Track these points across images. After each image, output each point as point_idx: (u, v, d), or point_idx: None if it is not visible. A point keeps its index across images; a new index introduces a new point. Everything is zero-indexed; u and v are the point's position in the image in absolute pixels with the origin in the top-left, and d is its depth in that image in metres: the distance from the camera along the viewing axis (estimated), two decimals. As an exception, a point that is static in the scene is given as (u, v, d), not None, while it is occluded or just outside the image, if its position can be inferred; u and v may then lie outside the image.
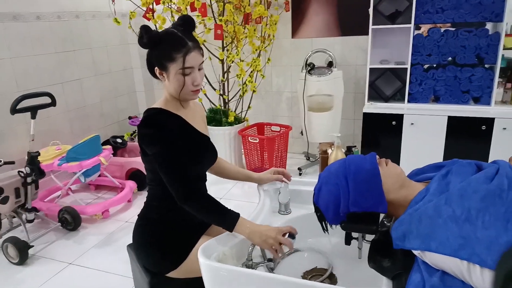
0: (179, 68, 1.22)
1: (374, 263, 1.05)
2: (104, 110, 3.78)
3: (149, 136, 1.26)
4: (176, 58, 1.22)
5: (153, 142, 1.25)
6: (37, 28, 3.05)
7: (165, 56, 1.23)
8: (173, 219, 1.36)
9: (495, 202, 0.87)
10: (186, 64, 1.22)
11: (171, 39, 1.24)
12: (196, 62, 1.25)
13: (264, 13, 3.07)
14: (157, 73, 1.28)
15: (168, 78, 1.26)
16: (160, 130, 1.25)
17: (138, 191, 3.22)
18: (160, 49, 1.23)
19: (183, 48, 1.22)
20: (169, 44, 1.23)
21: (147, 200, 1.42)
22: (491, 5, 2.63)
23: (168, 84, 1.28)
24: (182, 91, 1.27)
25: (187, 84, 1.26)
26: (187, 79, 1.25)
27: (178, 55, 1.21)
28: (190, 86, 1.26)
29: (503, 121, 2.61)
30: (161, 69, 1.26)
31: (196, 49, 1.25)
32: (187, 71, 1.24)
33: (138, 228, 1.40)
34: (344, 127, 3.58)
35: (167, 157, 1.24)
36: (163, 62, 1.24)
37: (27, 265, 2.29)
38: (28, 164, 2.42)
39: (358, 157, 1.11)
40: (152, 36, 1.22)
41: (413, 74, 2.92)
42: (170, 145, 1.25)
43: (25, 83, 2.96)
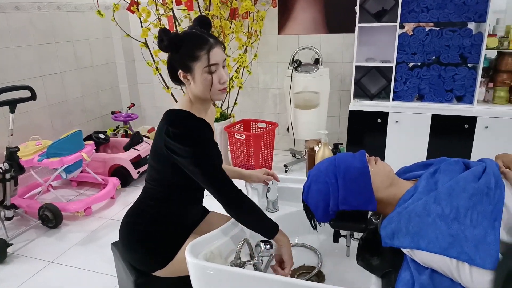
0: (204, 66, 1.19)
1: (362, 261, 1.06)
2: (86, 105, 3.70)
3: (182, 136, 1.20)
4: (200, 57, 1.18)
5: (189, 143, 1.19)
6: (16, 19, 2.95)
7: (189, 56, 1.19)
8: (165, 220, 1.33)
9: (482, 200, 0.88)
10: (211, 61, 1.19)
11: (192, 38, 1.21)
12: (220, 58, 1.22)
13: (251, 9, 3.05)
14: (181, 76, 1.24)
15: (194, 79, 1.22)
16: (194, 132, 1.21)
17: (122, 188, 3.17)
18: (182, 51, 1.20)
19: (205, 45, 1.19)
20: (191, 44, 1.19)
21: (141, 198, 1.38)
22: (474, 5, 2.68)
23: (194, 86, 1.23)
24: (210, 91, 1.23)
25: (214, 82, 1.22)
26: (214, 77, 1.21)
27: (201, 52, 1.18)
28: (217, 85, 1.23)
29: (485, 120, 2.66)
30: (185, 71, 1.22)
31: (218, 44, 1.22)
32: (213, 68, 1.20)
33: (126, 226, 1.37)
34: (330, 125, 3.60)
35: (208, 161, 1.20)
36: (187, 63, 1.20)
37: (6, 264, 2.22)
38: (7, 159, 2.35)
39: (347, 155, 1.11)
40: (172, 38, 1.19)
41: (398, 72, 2.96)
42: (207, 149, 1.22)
43: (3, 76, 2.86)
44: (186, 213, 1.38)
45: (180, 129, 1.21)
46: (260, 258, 1.21)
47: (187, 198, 1.36)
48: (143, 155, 3.23)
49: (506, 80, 2.77)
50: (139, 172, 3.19)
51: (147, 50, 3.20)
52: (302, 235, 1.42)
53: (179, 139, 1.20)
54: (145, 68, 3.90)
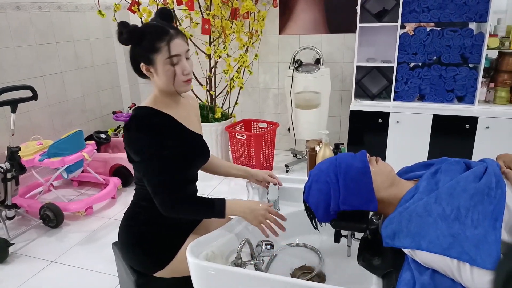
0: (165, 57, 1.18)
1: (363, 261, 1.06)
2: (87, 105, 3.70)
3: (135, 142, 1.21)
4: (160, 48, 1.17)
5: (139, 150, 1.21)
6: (17, 19, 2.95)
7: (149, 48, 1.18)
8: (161, 220, 1.32)
9: (483, 200, 0.88)
10: (172, 52, 1.18)
11: (152, 30, 1.19)
12: (182, 49, 1.20)
13: (252, 9, 3.05)
14: (144, 70, 1.22)
15: (157, 72, 1.21)
16: (147, 136, 1.20)
17: (123, 188, 3.17)
18: (143, 43, 1.18)
19: (165, 36, 1.17)
20: (151, 35, 1.18)
21: (134, 200, 1.38)
22: (475, 5, 2.67)
23: (158, 79, 1.22)
24: (174, 83, 1.22)
25: (178, 74, 1.20)
26: (176, 68, 1.20)
27: (162, 43, 1.17)
28: (181, 76, 1.21)
29: (486, 120, 2.66)
30: (147, 64, 1.21)
31: (179, 35, 1.20)
32: (175, 60, 1.19)
33: (124, 228, 1.37)
34: (330, 125, 3.59)
35: (151, 168, 1.20)
36: (148, 55, 1.19)
37: (7, 263, 2.23)
38: (8, 159, 2.35)
39: (348, 155, 1.11)
40: (131, 31, 1.17)
41: (399, 72, 2.95)
42: (155, 155, 1.20)
43: (4, 76, 2.87)
44: (182, 221, 1.37)
45: (133, 133, 1.21)
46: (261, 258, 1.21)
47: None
48: (144, 155, 3.22)
49: (507, 80, 2.77)
50: (140, 172, 3.18)
51: (148, 50, 3.19)
52: (303, 235, 1.42)
53: (132, 146, 1.22)
54: (146, 68, 3.90)
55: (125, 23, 1.18)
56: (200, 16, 3.10)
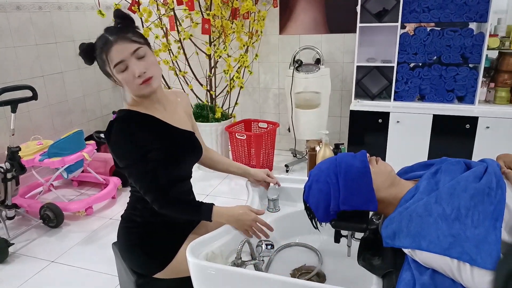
0: (112, 67, 1.16)
1: (363, 261, 1.05)
2: (87, 105, 3.70)
3: (116, 148, 1.21)
4: (104, 60, 1.16)
5: (121, 156, 1.21)
6: (17, 18, 2.95)
7: (100, 63, 1.19)
8: (158, 221, 1.32)
9: (484, 200, 0.88)
10: (115, 61, 1.15)
11: (97, 44, 1.18)
12: (122, 55, 1.15)
13: (252, 9, 3.05)
14: (112, 82, 1.24)
15: (116, 82, 1.21)
16: (127, 141, 1.19)
17: (123, 188, 3.17)
18: (96, 59, 1.19)
19: (104, 47, 1.15)
20: (96, 50, 1.17)
21: (130, 202, 1.38)
22: (475, 5, 2.67)
23: (123, 88, 1.22)
24: (132, 88, 1.19)
25: (129, 80, 1.17)
26: (125, 75, 1.17)
27: (103, 56, 1.16)
28: (135, 80, 1.17)
29: (487, 120, 2.66)
30: (107, 77, 1.21)
31: (119, 41, 1.14)
32: (121, 67, 1.16)
33: (122, 230, 1.36)
34: (330, 125, 3.59)
35: (137, 172, 1.20)
36: (103, 69, 1.20)
37: (7, 263, 2.23)
38: (8, 159, 2.35)
39: (348, 155, 1.11)
40: (83, 50, 1.18)
41: (399, 72, 2.95)
42: (138, 159, 1.19)
43: (4, 76, 2.87)
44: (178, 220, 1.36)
45: (114, 138, 1.20)
46: (261, 258, 1.21)
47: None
48: (144, 155, 3.22)
49: (508, 80, 2.77)
50: (140, 172, 3.18)
51: (148, 50, 3.19)
52: (302, 235, 1.42)
53: (115, 151, 1.22)
54: (146, 68, 3.90)
55: (83, 43, 1.19)
56: (200, 16, 3.10)
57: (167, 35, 3.19)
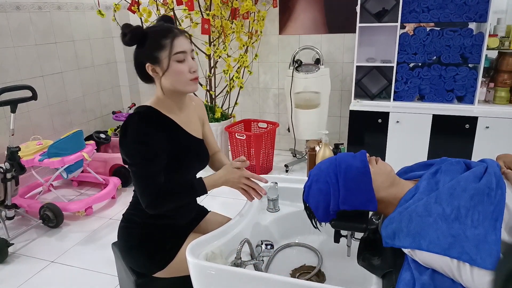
0: (171, 54, 1.17)
1: (363, 261, 1.05)
2: (87, 105, 3.70)
3: (125, 144, 1.20)
4: (165, 45, 1.17)
5: (131, 153, 1.20)
6: (17, 19, 2.95)
7: (154, 46, 1.17)
8: (159, 222, 1.33)
9: (483, 200, 0.88)
10: (178, 49, 1.17)
11: (156, 28, 1.20)
12: (187, 47, 1.20)
13: (251, 9, 3.05)
14: (149, 70, 1.21)
15: (162, 70, 1.19)
16: (140, 139, 1.18)
17: (122, 188, 3.17)
18: (147, 43, 1.18)
19: (169, 34, 1.17)
20: (155, 34, 1.18)
21: (133, 202, 1.38)
22: (475, 5, 2.67)
23: (164, 78, 1.21)
24: (180, 81, 1.20)
25: (184, 71, 1.19)
26: (182, 66, 1.19)
27: (166, 41, 1.17)
28: (188, 74, 1.20)
29: (486, 120, 2.66)
30: (153, 63, 1.19)
31: (183, 34, 1.21)
32: (181, 57, 1.18)
33: (123, 230, 1.37)
34: (330, 125, 3.59)
35: (138, 171, 1.20)
36: (153, 53, 1.18)
37: (7, 263, 2.23)
38: (8, 159, 2.35)
39: (348, 155, 1.11)
40: (135, 29, 1.17)
41: (399, 72, 2.96)
42: (145, 159, 1.19)
43: (4, 76, 2.87)
44: (177, 211, 1.36)
45: (127, 131, 1.19)
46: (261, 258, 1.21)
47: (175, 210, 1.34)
48: (143, 155, 3.22)
49: (507, 80, 2.77)
50: (139, 172, 3.18)
51: (148, 50, 3.19)
52: (302, 235, 1.42)
53: (124, 147, 1.21)
54: (146, 68, 3.90)
55: (128, 24, 1.18)
56: (200, 16, 3.10)
57: (166, 35, 3.19)
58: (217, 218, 1.51)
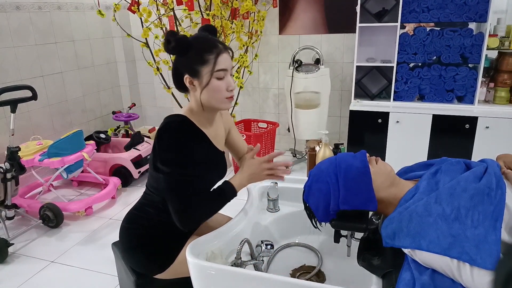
0: (212, 70, 1.15)
1: (363, 261, 1.05)
2: (87, 105, 3.70)
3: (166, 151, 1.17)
4: (208, 60, 1.15)
5: (168, 161, 1.17)
6: (17, 19, 2.95)
7: (196, 59, 1.15)
8: (165, 228, 1.31)
9: (483, 201, 0.88)
10: (220, 66, 1.15)
11: (201, 41, 1.17)
12: (229, 64, 1.19)
13: (251, 9, 3.04)
14: (187, 82, 1.19)
15: (201, 85, 1.18)
16: (178, 148, 1.16)
17: (122, 188, 3.17)
18: (190, 54, 1.16)
19: (214, 49, 1.15)
20: (200, 46, 1.15)
21: (141, 204, 1.35)
22: (475, 5, 2.67)
23: (200, 92, 1.19)
24: (217, 98, 1.19)
25: (221, 89, 1.18)
26: (221, 83, 1.17)
27: (210, 56, 1.15)
28: (224, 92, 1.19)
29: (486, 120, 2.66)
30: (192, 76, 1.18)
31: (227, 51, 1.19)
32: (221, 74, 1.17)
33: (125, 231, 1.36)
34: (330, 125, 3.59)
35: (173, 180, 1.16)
36: (194, 66, 1.16)
37: (7, 263, 2.23)
38: (8, 159, 2.35)
39: (348, 155, 1.11)
40: (180, 39, 1.14)
41: (399, 72, 2.95)
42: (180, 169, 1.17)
43: (4, 76, 2.87)
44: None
45: (166, 133, 1.18)
46: (261, 258, 1.21)
47: None
48: (144, 155, 3.23)
49: (507, 80, 2.77)
50: (140, 172, 3.19)
51: (148, 50, 3.20)
52: (302, 235, 1.42)
53: (162, 142, 1.18)
54: (146, 68, 3.90)
55: (174, 32, 1.15)
56: (200, 16, 3.10)
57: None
58: (217, 218, 1.51)
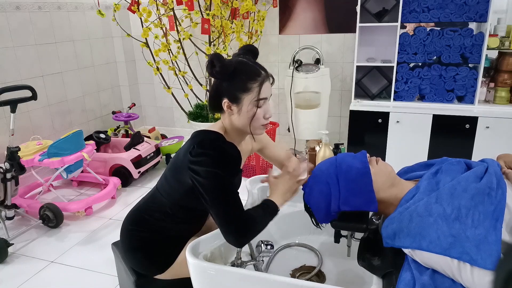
0: (254, 99, 1.14)
1: (363, 261, 1.05)
2: (86, 105, 3.70)
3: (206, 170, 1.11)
4: (251, 89, 1.14)
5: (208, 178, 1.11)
6: (17, 18, 2.95)
7: (240, 87, 1.14)
8: (169, 233, 1.30)
9: (484, 200, 0.88)
10: (262, 95, 1.15)
11: (246, 68, 1.16)
12: (269, 93, 1.19)
13: (251, 8, 3.04)
14: (225, 106, 1.18)
15: (240, 111, 1.17)
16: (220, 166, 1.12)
17: (122, 188, 3.17)
18: (234, 80, 1.14)
19: (258, 78, 1.15)
20: (244, 74, 1.14)
21: (148, 207, 1.33)
22: (475, 5, 2.67)
23: (237, 117, 1.18)
24: (253, 125, 1.18)
25: (259, 117, 1.17)
26: (259, 111, 1.17)
27: (254, 85, 1.14)
28: (262, 120, 1.18)
29: (486, 120, 2.66)
30: (231, 101, 1.16)
31: (269, 78, 1.19)
32: (261, 103, 1.16)
33: (127, 232, 1.34)
34: (330, 125, 3.59)
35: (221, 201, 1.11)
36: (237, 93, 1.14)
37: (7, 263, 2.22)
38: (8, 159, 2.35)
39: (348, 155, 1.11)
40: (225, 65, 1.12)
41: (399, 72, 2.95)
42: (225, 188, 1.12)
43: (4, 76, 2.86)
44: (192, 229, 1.35)
45: (206, 149, 1.14)
46: (261, 259, 1.21)
47: (196, 218, 1.33)
48: (143, 155, 3.23)
49: (507, 80, 2.77)
50: (139, 172, 3.18)
51: (148, 50, 3.20)
52: (302, 235, 1.42)
53: (203, 158, 1.13)
54: (146, 68, 3.90)
55: (219, 55, 1.13)
56: (200, 16, 3.10)
57: (166, 35, 3.19)
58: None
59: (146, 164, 3.25)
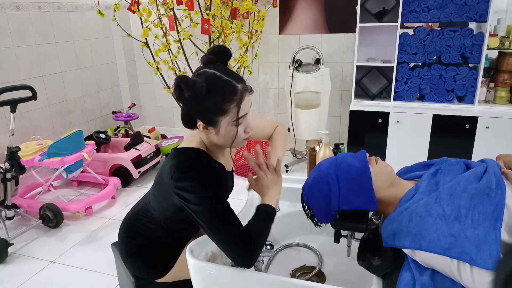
0: (232, 119, 1.05)
1: (363, 261, 1.05)
2: (86, 105, 3.70)
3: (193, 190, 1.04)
4: (229, 110, 1.03)
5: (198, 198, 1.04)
6: (17, 19, 2.95)
7: (216, 109, 1.03)
8: (165, 242, 1.29)
9: (483, 201, 0.88)
10: (241, 113, 1.05)
11: (219, 86, 1.02)
12: (248, 107, 1.08)
13: (251, 8, 3.04)
14: (201, 128, 1.09)
15: (217, 133, 1.08)
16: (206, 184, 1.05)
17: (122, 188, 3.17)
18: (208, 101, 1.02)
19: (235, 97, 1.03)
20: (218, 94, 1.02)
21: (142, 218, 1.29)
22: (475, 5, 2.67)
23: (216, 137, 1.10)
24: (236, 142, 1.10)
25: (240, 134, 1.09)
26: (240, 128, 1.08)
27: (231, 105, 1.03)
28: (243, 134, 1.10)
29: (486, 120, 2.66)
30: (207, 124, 1.07)
31: (247, 91, 1.07)
32: (241, 121, 1.07)
33: (124, 239, 1.33)
34: (330, 125, 3.59)
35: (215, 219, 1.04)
36: (213, 116, 1.04)
37: (7, 263, 2.22)
38: (8, 159, 2.35)
39: (348, 155, 1.11)
40: (196, 90, 1.00)
41: (399, 72, 2.95)
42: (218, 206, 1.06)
43: (4, 76, 2.87)
44: (190, 234, 1.33)
45: (187, 172, 1.06)
46: (261, 258, 1.21)
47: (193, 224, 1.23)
48: (143, 155, 3.23)
49: (507, 80, 2.77)
50: (139, 172, 3.19)
51: (148, 50, 3.20)
52: (302, 235, 1.42)
53: (187, 184, 1.05)
54: (146, 68, 3.90)
55: (185, 78, 1.00)
56: (200, 16, 3.10)
57: (166, 35, 3.19)
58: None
59: (146, 164, 3.25)
